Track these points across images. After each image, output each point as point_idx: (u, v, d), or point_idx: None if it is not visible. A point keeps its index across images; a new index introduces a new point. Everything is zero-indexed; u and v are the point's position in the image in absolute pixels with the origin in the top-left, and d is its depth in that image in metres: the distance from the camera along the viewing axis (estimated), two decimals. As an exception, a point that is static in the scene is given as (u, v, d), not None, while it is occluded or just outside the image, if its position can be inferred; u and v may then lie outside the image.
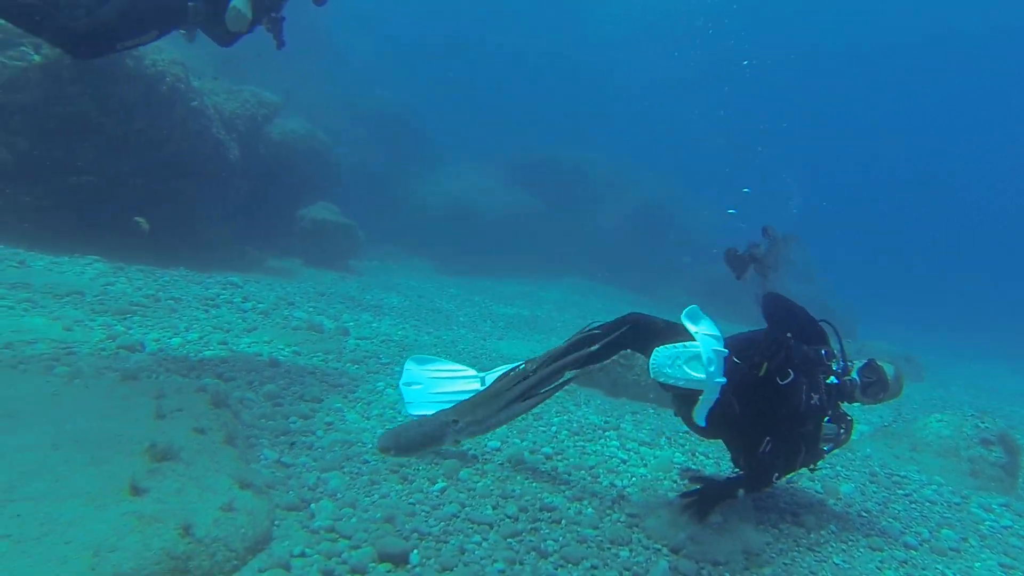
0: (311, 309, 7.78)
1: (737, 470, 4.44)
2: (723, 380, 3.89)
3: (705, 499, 4.20)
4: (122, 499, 3.05)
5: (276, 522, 3.43)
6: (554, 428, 5.49)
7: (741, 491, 4.17)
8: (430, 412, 4.56)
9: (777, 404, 4.04)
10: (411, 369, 4.96)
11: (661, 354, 3.95)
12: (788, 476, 4.50)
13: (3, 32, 7.65)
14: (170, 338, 5.77)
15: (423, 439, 2.61)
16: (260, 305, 7.37)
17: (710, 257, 20.52)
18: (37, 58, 7.79)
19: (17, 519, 2.75)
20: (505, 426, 4.62)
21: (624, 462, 4.99)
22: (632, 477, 4.74)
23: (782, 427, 4.06)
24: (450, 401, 4.61)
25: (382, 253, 16.01)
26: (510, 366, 4.60)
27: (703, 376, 3.86)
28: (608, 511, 4.18)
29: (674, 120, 37.99)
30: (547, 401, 6.05)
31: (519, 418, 5.08)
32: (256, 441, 4.22)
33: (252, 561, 3.11)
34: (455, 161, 23.27)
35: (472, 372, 4.89)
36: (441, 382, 4.82)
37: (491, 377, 4.66)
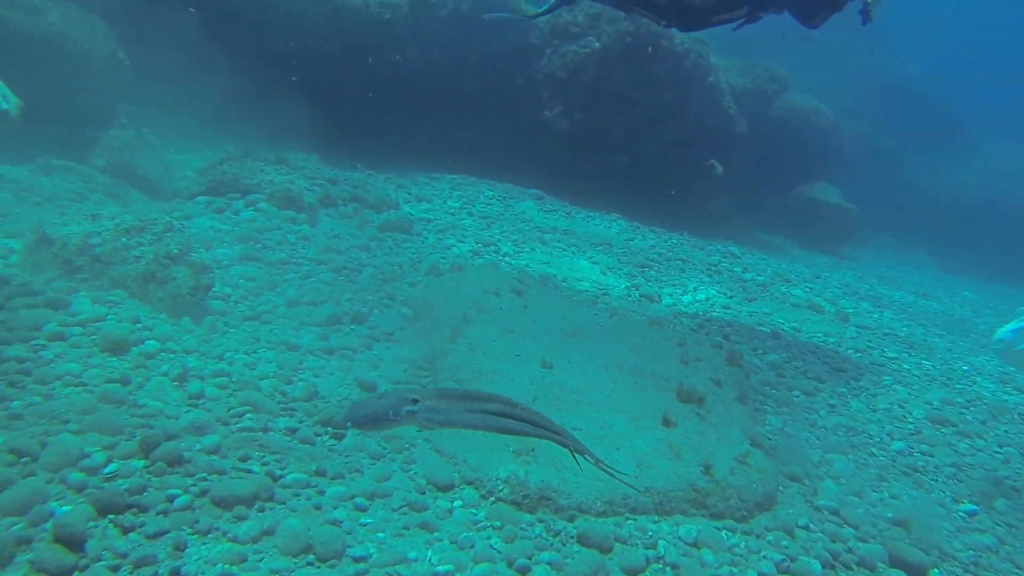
0: (808, 289, 7.55)
1: None
2: None
3: None
4: (656, 426, 3.48)
5: (780, 488, 3.49)
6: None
7: None
8: None
9: None
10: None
11: None
12: None
13: (577, 27, 9.18)
14: (681, 295, 6.28)
15: (377, 411, 2.41)
16: (759, 278, 7.47)
17: None
18: (597, 45, 9.11)
19: (584, 418, 3.38)
20: None
21: None
22: None
23: None
24: None
25: (877, 242, 14.55)
26: None
27: None
28: None
29: None
30: None
31: None
32: (760, 406, 4.34)
33: (759, 517, 3.24)
34: (988, 143, 19.47)
35: None
36: None
37: None
